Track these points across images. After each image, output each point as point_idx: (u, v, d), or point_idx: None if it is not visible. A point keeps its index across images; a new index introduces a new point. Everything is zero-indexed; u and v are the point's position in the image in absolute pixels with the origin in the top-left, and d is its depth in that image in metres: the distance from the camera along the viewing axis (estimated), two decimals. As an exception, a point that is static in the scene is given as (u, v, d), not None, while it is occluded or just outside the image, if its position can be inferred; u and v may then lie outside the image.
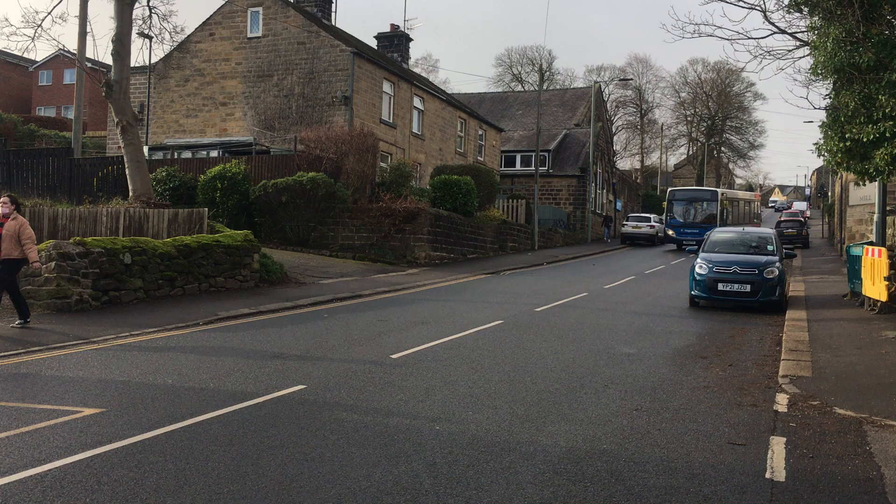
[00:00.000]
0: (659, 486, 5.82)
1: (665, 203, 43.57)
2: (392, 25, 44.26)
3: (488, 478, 5.91)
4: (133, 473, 5.86)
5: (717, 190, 44.85)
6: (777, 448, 6.85)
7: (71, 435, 6.77)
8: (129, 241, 15.80)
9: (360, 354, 10.87)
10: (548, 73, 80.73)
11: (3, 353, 10.30)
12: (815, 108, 23.41)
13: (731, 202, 46.51)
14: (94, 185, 26.56)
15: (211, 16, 34.59)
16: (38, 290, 14.14)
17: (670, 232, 42.05)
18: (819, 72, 13.30)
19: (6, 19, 40.47)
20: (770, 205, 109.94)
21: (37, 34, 22.89)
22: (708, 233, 20.22)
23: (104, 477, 5.78)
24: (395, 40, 43.55)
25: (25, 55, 41.10)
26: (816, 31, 13.45)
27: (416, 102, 37.55)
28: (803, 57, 15.47)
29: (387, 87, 34.70)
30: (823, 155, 14.23)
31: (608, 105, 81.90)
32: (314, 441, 6.74)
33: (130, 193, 21.02)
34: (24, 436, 6.71)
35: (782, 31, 14.41)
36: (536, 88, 56.34)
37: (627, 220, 48.78)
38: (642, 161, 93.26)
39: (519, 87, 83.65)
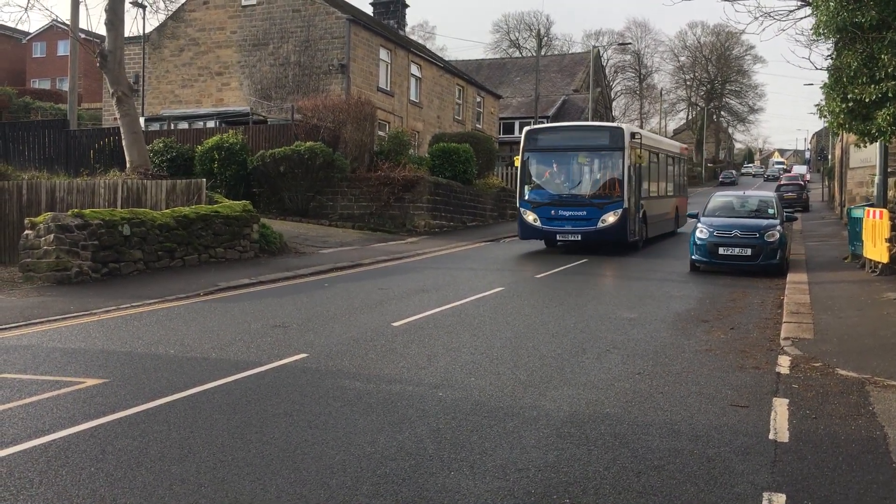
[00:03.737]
0: (663, 449, 5.83)
1: (518, 158, 21.74)
2: (388, -9, 43.78)
3: (492, 442, 5.92)
4: (137, 442, 5.87)
5: (623, 126, 22.18)
6: (780, 409, 6.86)
7: (74, 405, 6.77)
8: (128, 212, 15.75)
9: (362, 323, 10.86)
10: (545, 38, 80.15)
11: (4, 326, 10.28)
12: (817, 69, 23.12)
13: (653, 154, 24.26)
14: (90, 157, 26.44)
15: (204, -16, 34.18)
16: (38, 262, 14.12)
17: (529, 217, 21.04)
18: (821, 32, 13.15)
19: (-2, -10, 39.99)
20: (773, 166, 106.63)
21: (30, 4, 22.93)
22: (709, 197, 20.05)
23: (108, 446, 5.78)
24: (391, 6, 43.09)
25: (19, 26, 40.89)
26: (818, -10, 13.27)
27: (414, 70, 37.23)
28: (805, 17, 15.30)
29: (383, 54, 34.37)
30: (825, 116, 14.14)
31: (607, 70, 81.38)
32: (318, 408, 6.74)
33: (128, 165, 20.90)
34: (27, 407, 6.71)
35: (784, -9, 14.27)
36: (534, 54, 55.84)
37: None
38: (641, 126, 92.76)
39: (517, 54, 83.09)
